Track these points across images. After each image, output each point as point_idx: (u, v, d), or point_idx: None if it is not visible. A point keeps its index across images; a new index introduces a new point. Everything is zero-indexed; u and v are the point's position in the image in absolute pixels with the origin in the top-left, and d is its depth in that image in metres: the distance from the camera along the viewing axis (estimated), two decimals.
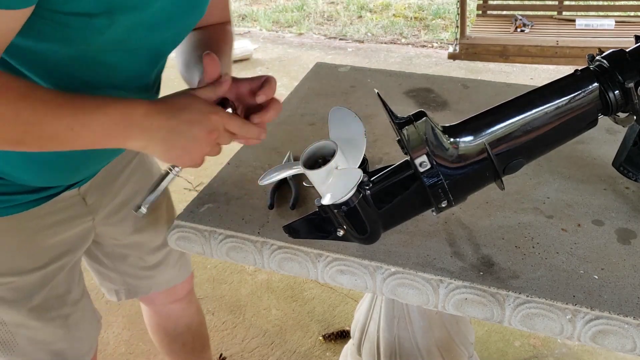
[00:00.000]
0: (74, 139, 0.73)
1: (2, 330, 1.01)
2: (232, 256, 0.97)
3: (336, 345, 1.95)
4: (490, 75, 4.20)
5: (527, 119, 0.80)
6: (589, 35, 3.64)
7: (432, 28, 5.35)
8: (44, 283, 1.02)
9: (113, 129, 0.74)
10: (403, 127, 0.80)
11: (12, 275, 0.97)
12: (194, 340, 1.50)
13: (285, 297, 2.17)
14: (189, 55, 0.99)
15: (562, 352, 1.89)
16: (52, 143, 0.73)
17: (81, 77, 0.83)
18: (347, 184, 0.80)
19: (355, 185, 0.79)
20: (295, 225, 0.91)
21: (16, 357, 1.05)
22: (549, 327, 0.81)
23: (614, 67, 0.79)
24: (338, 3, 6.17)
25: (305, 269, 0.93)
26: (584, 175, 1.07)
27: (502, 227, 0.95)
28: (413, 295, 0.88)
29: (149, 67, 0.92)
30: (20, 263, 0.98)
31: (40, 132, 0.71)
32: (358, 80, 1.46)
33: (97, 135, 0.74)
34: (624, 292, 0.82)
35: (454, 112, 1.29)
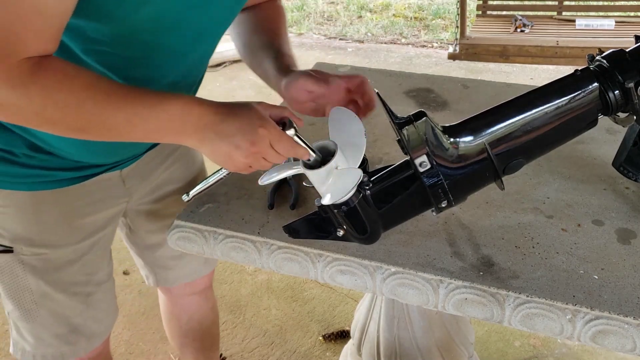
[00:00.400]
0: (132, 131, 0.76)
1: (27, 299, 1.05)
2: (232, 256, 0.97)
3: (336, 345, 1.95)
4: (490, 75, 4.19)
5: (527, 119, 0.80)
6: (589, 35, 3.64)
7: (432, 28, 5.34)
8: (75, 259, 1.06)
9: (169, 126, 0.76)
10: (403, 127, 0.80)
11: (46, 247, 1.01)
12: (204, 337, 1.51)
13: (285, 297, 2.17)
14: (249, 38, 1.04)
15: (562, 352, 1.89)
16: (111, 133, 0.76)
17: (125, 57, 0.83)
18: (347, 183, 0.80)
19: (355, 185, 0.79)
20: (295, 225, 0.91)
21: (37, 327, 1.09)
22: (549, 327, 0.81)
23: (614, 67, 0.79)
24: (338, 3, 6.17)
25: (305, 269, 0.93)
26: (584, 175, 1.07)
27: (502, 227, 0.95)
28: (413, 295, 0.88)
29: (191, 47, 0.91)
30: (56, 237, 1.02)
31: (102, 123, 0.74)
32: None
33: (153, 130, 0.76)
34: (624, 292, 0.82)
35: (454, 112, 1.29)
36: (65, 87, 0.70)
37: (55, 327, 1.10)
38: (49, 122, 0.72)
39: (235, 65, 4.34)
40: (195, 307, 1.44)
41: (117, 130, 0.75)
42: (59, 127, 0.73)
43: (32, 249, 1.00)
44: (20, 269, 1.02)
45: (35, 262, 1.02)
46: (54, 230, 1.01)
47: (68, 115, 0.72)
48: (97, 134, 0.76)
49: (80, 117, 0.72)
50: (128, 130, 0.75)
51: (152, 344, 1.99)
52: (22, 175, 0.94)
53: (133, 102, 0.74)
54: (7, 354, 1.94)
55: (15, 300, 1.06)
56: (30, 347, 1.11)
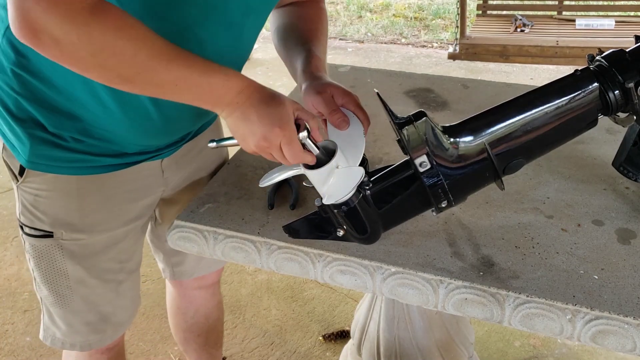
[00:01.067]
0: (174, 92, 0.78)
1: (63, 284, 1.07)
2: (232, 256, 0.97)
3: (336, 345, 1.95)
4: (490, 75, 4.19)
5: (527, 119, 0.80)
6: (589, 35, 3.64)
7: (432, 28, 5.34)
8: (111, 245, 1.07)
9: (208, 95, 0.80)
10: (403, 127, 0.80)
11: (85, 233, 1.03)
12: (208, 333, 1.52)
13: (285, 297, 2.17)
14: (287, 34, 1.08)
15: (562, 352, 1.89)
16: (155, 91, 0.78)
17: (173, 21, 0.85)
18: (349, 182, 0.80)
19: (357, 183, 0.79)
20: (295, 225, 0.91)
21: (69, 314, 1.11)
22: (549, 327, 0.81)
23: (614, 67, 0.79)
24: (338, 3, 6.17)
25: (305, 269, 0.93)
26: (584, 175, 1.07)
27: (502, 227, 0.95)
28: (413, 295, 0.88)
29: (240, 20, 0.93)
30: (96, 222, 1.04)
31: (150, 77, 0.75)
32: (358, 80, 1.46)
33: (194, 96, 0.79)
34: (624, 292, 0.82)
35: (454, 112, 1.29)
36: (125, 33, 0.71)
37: (86, 315, 1.12)
38: (101, 66, 0.72)
39: None
40: (201, 300, 1.45)
41: (161, 88, 0.77)
42: (108, 73, 0.74)
43: (71, 234, 1.02)
44: (59, 254, 1.04)
45: (73, 247, 1.04)
46: (94, 216, 1.03)
47: (122, 62, 0.72)
48: (141, 87, 0.77)
49: (132, 67, 0.73)
50: (171, 90, 0.78)
51: (152, 344, 1.99)
52: (69, 160, 0.96)
53: (184, 65, 0.76)
54: (7, 353, 1.94)
55: (51, 285, 1.07)
56: (61, 333, 1.14)
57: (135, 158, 1.02)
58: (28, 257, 1.08)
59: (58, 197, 1.00)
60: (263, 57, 4.49)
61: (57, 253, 1.04)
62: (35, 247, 1.04)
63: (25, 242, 1.06)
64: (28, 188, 1.00)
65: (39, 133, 0.93)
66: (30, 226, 1.03)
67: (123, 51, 0.71)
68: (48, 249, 1.04)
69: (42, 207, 1.01)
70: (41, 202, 1.00)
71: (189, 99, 0.80)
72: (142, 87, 0.77)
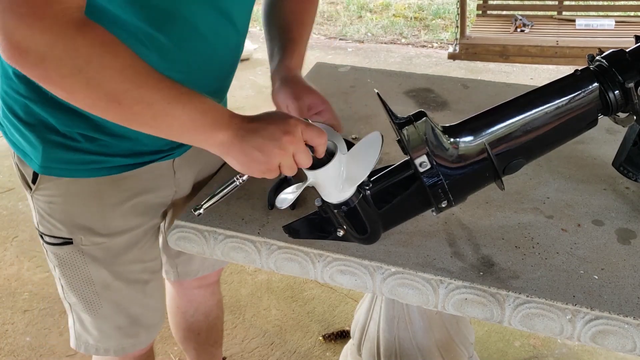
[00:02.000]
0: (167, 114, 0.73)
1: (89, 290, 1.07)
2: (232, 256, 0.97)
3: (336, 345, 1.95)
4: (490, 75, 4.19)
5: (527, 119, 0.80)
6: (589, 35, 3.64)
7: (432, 28, 5.34)
8: (131, 245, 1.07)
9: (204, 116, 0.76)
10: (403, 127, 0.80)
11: (105, 236, 1.02)
12: (208, 332, 1.52)
13: (285, 297, 2.17)
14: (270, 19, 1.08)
15: (562, 352, 1.89)
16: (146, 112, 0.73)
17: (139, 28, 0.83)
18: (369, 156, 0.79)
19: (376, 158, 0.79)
20: (295, 225, 0.91)
21: (99, 319, 1.10)
22: (549, 327, 0.81)
23: (614, 67, 0.79)
24: (338, 3, 6.17)
25: (305, 269, 0.93)
26: (584, 175, 1.07)
27: (502, 227, 0.95)
28: (413, 295, 0.88)
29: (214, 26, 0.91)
30: (114, 224, 1.03)
31: (140, 96, 0.72)
32: (358, 80, 1.46)
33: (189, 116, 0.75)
34: (624, 292, 0.82)
35: (454, 112, 1.29)
36: (111, 49, 0.70)
37: (116, 319, 1.11)
38: (87, 84, 0.69)
39: None
40: (201, 299, 1.45)
41: (151, 108, 0.73)
42: (95, 92, 0.70)
43: (91, 238, 1.02)
44: (80, 260, 1.03)
45: (94, 251, 1.03)
46: (112, 218, 1.02)
47: (109, 78, 0.70)
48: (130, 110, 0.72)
49: (119, 84, 0.70)
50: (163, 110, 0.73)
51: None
52: (83, 162, 0.95)
53: (172, 86, 0.74)
54: (7, 353, 1.94)
55: (78, 292, 1.07)
56: (93, 340, 1.13)
57: (149, 157, 1.01)
58: (52, 266, 1.07)
59: (73, 201, 0.99)
60: (263, 57, 4.49)
61: (79, 259, 1.03)
62: (58, 255, 1.04)
63: (48, 251, 1.05)
64: (42, 196, 0.99)
65: (51, 136, 0.92)
66: (49, 235, 1.02)
67: (110, 65, 0.69)
68: (70, 256, 1.03)
69: (58, 213, 1.00)
70: (56, 208, 0.99)
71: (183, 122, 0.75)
72: (131, 107, 0.72)
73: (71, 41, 0.67)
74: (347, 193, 0.81)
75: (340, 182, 0.80)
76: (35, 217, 1.03)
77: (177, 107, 0.73)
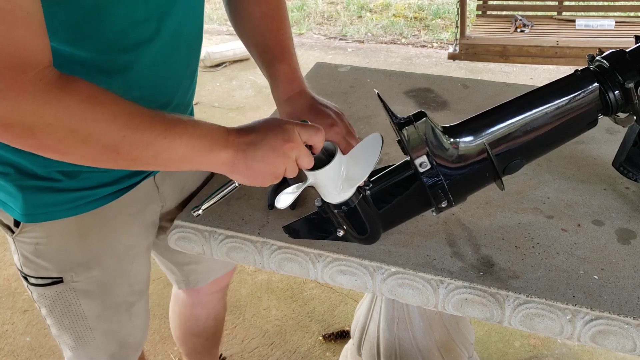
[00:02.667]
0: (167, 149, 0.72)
1: (82, 326, 1.04)
2: (232, 256, 0.97)
3: (336, 345, 1.95)
4: (490, 75, 4.19)
5: (527, 119, 0.80)
6: (589, 35, 3.64)
7: (432, 28, 5.34)
8: (122, 273, 1.04)
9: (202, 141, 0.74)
10: (403, 127, 0.80)
11: (95, 269, 1.00)
12: (215, 335, 1.51)
13: (285, 297, 2.17)
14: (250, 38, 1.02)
15: (562, 352, 1.89)
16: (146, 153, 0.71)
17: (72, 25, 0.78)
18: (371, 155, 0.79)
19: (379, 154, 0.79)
20: (295, 225, 0.91)
21: (92, 350, 1.08)
22: (549, 328, 0.81)
23: (614, 67, 0.79)
24: (338, 3, 6.16)
25: (305, 269, 0.93)
26: (584, 175, 1.07)
27: (502, 227, 0.95)
28: (413, 295, 0.88)
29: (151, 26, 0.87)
30: (103, 255, 1.00)
31: (139, 138, 0.69)
32: (358, 80, 1.46)
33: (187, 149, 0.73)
34: (624, 293, 0.81)
35: (454, 112, 1.29)
36: (99, 99, 0.67)
37: (108, 347, 1.09)
38: (83, 141, 0.67)
39: (235, 65, 4.34)
40: (214, 304, 1.44)
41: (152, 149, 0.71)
42: (92, 147, 0.68)
43: (83, 273, 0.99)
44: (72, 297, 1.00)
45: (87, 285, 1.00)
46: (102, 250, 0.99)
47: (104, 129, 0.67)
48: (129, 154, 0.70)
49: (117, 131, 0.68)
50: (164, 147, 0.71)
51: (152, 344, 1.99)
52: (67, 201, 0.91)
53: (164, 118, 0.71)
54: (7, 353, 1.94)
55: (69, 329, 1.04)
56: None
57: (130, 181, 0.98)
58: (38, 306, 1.04)
59: (62, 241, 0.95)
60: None
61: (71, 296, 1.00)
62: (46, 295, 1.00)
63: (33, 292, 1.01)
64: (26, 239, 0.95)
65: (29, 182, 0.88)
66: (35, 276, 0.98)
67: (104, 117, 0.67)
68: (60, 295, 0.99)
69: (45, 255, 0.96)
70: (43, 250, 0.95)
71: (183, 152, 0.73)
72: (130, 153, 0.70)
73: (60, 103, 0.64)
74: (347, 193, 0.81)
75: (340, 183, 0.80)
76: (18, 259, 0.98)
77: (174, 140, 0.72)
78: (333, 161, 0.78)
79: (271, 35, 1.00)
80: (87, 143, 0.67)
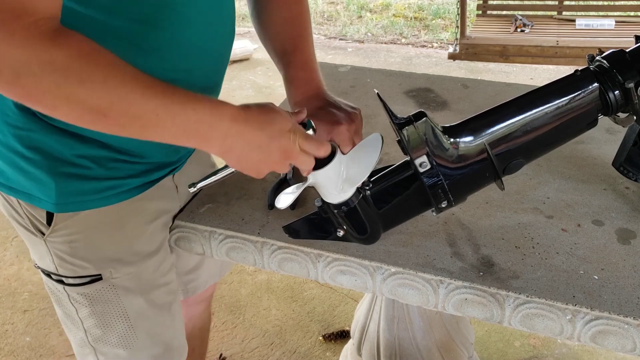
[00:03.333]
0: (156, 126, 0.70)
1: (124, 325, 1.01)
2: (232, 256, 0.97)
3: (336, 345, 1.95)
4: (490, 75, 4.19)
5: (527, 119, 0.80)
6: (589, 35, 3.64)
7: (432, 28, 5.34)
8: (156, 269, 1.01)
9: (196, 127, 0.72)
10: (403, 127, 0.80)
11: (133, 264, 0.97)
12: (201, 345, 1.48)
13: (285, 297, 2.17)
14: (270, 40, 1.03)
15: (562, 352, 1.89)
16: (133, 124, 0.69)
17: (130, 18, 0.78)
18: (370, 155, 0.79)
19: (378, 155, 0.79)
20: (295, 225, 0.92)
21: (135, 352, 1.04)
22: (549, 328, 0.81)
23: (614, 67, 0.79)
24: (338, 3, 6.17)
25: (305, 269, 0.93)
26: (584, 175, 1.07)
27: (502, 227, 0.95)
28: (413, 295, 0.88)
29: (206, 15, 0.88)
30: (140, 248, 0.98)
31: (126, 108, 0.67)
32: (358, 80, 1.46)
33: (179, 129, 0.71)
34: (624, 293, 0.82)
35: (454, 112, 1.29)
36: (91, 59, 0.65)
37: (152, 349, 1.06)
38: (68, 99, 0.65)
39: (235, 65, 4.33)
40: (199, 314, 1.41)
41: (140, 122, 0.69)
42: (77, 107, 0.66)
43: (122, 268, 0.96)
44: (112, 295, 0.97)
45: (126, 282, 0.97)
46: (138, 243, 0.98)
47: (90, 91, 0.65)
48: (117, 122, 0.68)
49: (103, 96, 0.65)
50: (153, 122, 0.69)
51: None
52: (98, 190, 0.90)
53: (162, 94, 0.69)
54: (7, 353, 1.94)
55: (111, 329, 1.01)
56: None
57: (156, 174, 0.97)
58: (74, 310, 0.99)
59: (97, 235, 0.93)
60: (263, 57, 4.49)
61: (111, 294, 0.97)
62: (86, 294, 0.97)
63: (71, 293, 0.97)
64: (60, 236, 0.92)
65: (61, 168, 0.87)
66: (73, 276, 0.95)
67: (91, 78, 0.65)
68: (100, 293, 0.97)
69: (81, 252, 0.93)
70: (79, 246, 0.93)
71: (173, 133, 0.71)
72: (118, 121, 0.68)
73: (46, 55, 0.62)
74: (347, 193, 0.81)
75: (340, 183, 0.80)
76: (52, 262, 0.95)
77: (167, 119, 0.69)
78: (333, 161, 0.78)
79: (291, 42, 1.01)
80: (71, 101, 0.65)
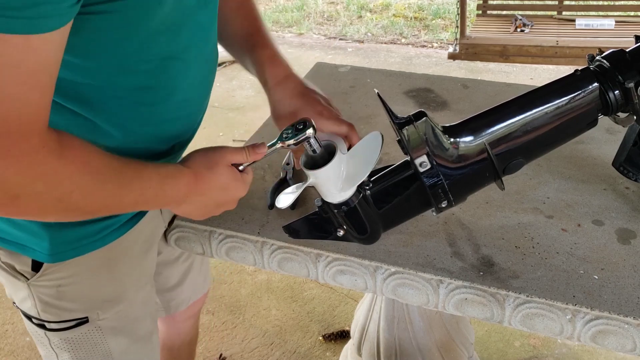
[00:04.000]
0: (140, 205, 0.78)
1: None
2: (232, 256, 0.97)
3: (336, 345, 1.95)
4: (490, 75, 4.19)
5: (527, 119, 0.80)
6: (589, 35, 3.64)
7: (432, 28, 5.34)
8: (141, 302, 1.00)
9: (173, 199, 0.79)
10: (403, 127, 0.79)
11: (121, 303, 0.95)
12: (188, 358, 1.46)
13: (285, 297, 2.17)
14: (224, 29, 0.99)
15: (562, 352, 1.89)
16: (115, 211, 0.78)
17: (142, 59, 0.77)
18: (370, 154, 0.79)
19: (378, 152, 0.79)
20: (295, 225, 0.91)
21: None
22: (549, 327, 0.81)
23: (614, 67, 0.79)
24: (338, 3, 6.17)
25: (305, 269, 0.93)
26: (584, 175, 1.07)
27: (502, 227, 0.95)
28: (413, 295, 0.88)
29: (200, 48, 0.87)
30: (127, 287, 0.96)
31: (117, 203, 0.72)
32: (358, 80, 1.46)
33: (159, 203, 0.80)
34: (624, 292, 0.82)
35: (454, 112, 1.29)
36: (92, 168, 0.65)
37: None
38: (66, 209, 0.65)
39: (235, 65, 4.33)
40: (188, 329, 1.40)
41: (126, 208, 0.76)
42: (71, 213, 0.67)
43: (109, 309, 0.94)
44: (98, 336, 0.95)
45: (113, 322, 0.95)
46: (126, 281, 0.96)
47: (89, 200, 0.66)
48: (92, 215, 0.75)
49: (99, 201, 0.67)
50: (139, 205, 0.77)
51: None
52: (95, 233, 0.87)
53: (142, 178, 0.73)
54: (7, 353, 1.94)
55: None
56: None
57: None
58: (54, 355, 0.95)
59: (86, 278, 0.90)
60: None
61: (97, 335, 0.94)
62: (69, 339, 0.93)
63: (52, 338, 0.93)
64: (48, 282, 0.87)
65: None
66: (57, 320, 0.91)
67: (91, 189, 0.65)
68: (86, 335, 0.94)
69: (69, 295, 0.89)
70: (67, 290, 0.89)
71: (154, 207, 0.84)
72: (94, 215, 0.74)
73: (53, 175, 0.61)
74: (347, 193, 0.81)
75: (340, 182, 0.80)
76: (34, 306, 0.90)
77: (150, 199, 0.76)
78: (333, 161, 0.78)
79: (249, 24, 1.01)
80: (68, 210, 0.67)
